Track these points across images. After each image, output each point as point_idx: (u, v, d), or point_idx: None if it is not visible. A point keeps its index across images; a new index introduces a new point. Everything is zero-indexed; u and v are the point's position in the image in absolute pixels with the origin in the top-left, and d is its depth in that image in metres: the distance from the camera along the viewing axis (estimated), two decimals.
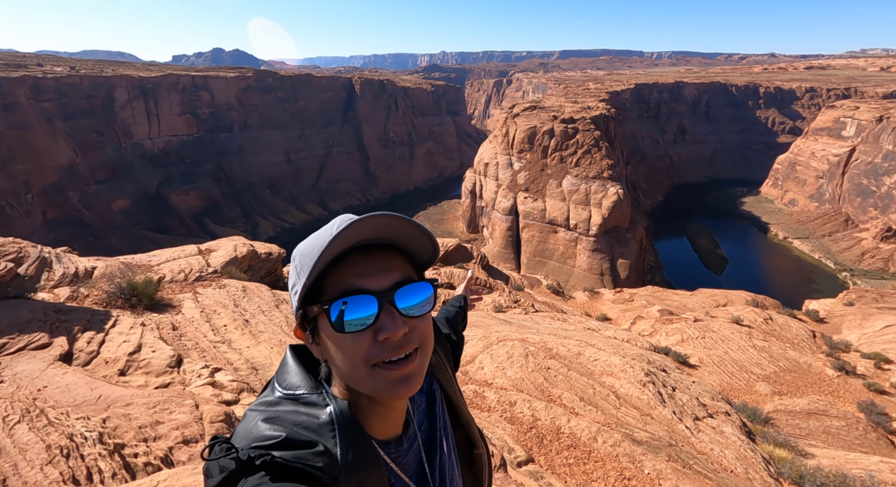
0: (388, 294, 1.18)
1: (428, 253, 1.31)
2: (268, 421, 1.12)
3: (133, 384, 6.54)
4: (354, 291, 1.15)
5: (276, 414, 1.14)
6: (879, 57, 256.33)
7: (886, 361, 21.59)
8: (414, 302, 1.21)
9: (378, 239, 1.22)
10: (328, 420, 1.13)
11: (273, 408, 1.17)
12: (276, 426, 1.11)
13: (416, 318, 1.21)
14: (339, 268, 1.18)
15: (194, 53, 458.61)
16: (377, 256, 1.22)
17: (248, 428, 1.12)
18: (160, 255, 13.20)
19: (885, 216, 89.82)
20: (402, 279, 1.22)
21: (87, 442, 4.18)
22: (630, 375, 9.83)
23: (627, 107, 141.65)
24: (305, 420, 1.13)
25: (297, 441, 1.08)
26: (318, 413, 1.15)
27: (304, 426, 1.12)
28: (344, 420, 1.14)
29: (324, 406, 1.16)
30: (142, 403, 5.44)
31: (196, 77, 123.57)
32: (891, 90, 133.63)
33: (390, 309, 1.17)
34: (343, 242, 1.14)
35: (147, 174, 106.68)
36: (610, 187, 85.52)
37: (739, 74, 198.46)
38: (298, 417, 1.14)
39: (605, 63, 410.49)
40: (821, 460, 10.23)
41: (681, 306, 34.72)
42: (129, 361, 7.06)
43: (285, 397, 1.19)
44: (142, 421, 5.06)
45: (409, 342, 1.19)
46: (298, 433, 1.10)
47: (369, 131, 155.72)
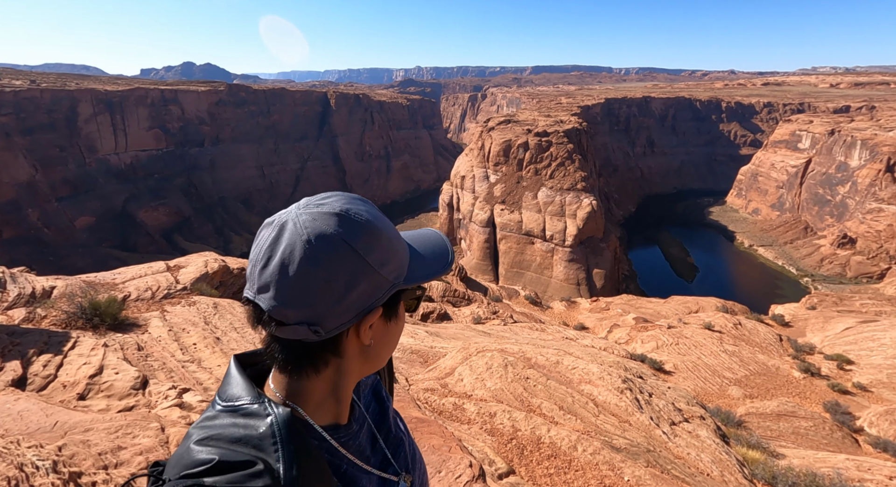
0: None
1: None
2: (202, 442, 1.02)
3: (94, 408, 6.20)
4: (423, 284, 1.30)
5: (212, 432, 1.04)
6: (829, 74, 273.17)
7: (848, 362, 22.52)
8: None
9: None
10: (269, 431, 1.03)
11: (210, 424, 1.07)
12: (209, 447, 1.01)
13: None
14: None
15: (164, 67, 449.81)
16: None
17: (181, 453, 1.02)
18: (125, 273, 12.68)
19: (841, 223, 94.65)
20: None
21: (39, 472, 3.92)
22: (608, 382, 9.92)
23: (598, 120, 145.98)
24: (243, 435, 1.03)
25: (231, 463, 0.97)
26: (258, 424, 1.04)
27: (242, 442, 1.02)
28: (287, 430, 1.04)
29: (264, 415, 1.06)
30: (102, 428, 5.15)
31: (165, 91, 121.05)
32: (840, 105, 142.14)
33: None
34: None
35: (113, 190, 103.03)
36: (584, 198, 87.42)
37: (702, 90, 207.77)
38: (236, 432, 1.04)
39: (576, 78, 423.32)
40: (791, 460, 10.50)
41: (655, 313, 35.47)
42: (89, 384, 6.69)
43: (224, 410, 1.10)
44: (102, 447, 4.78)
45: None
46: (234, 453, 0.99)
47: (345, 145, 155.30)
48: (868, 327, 27.45)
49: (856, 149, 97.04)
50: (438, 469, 4.87)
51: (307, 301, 1.06)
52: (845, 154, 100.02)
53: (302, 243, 1.05)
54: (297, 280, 1.04)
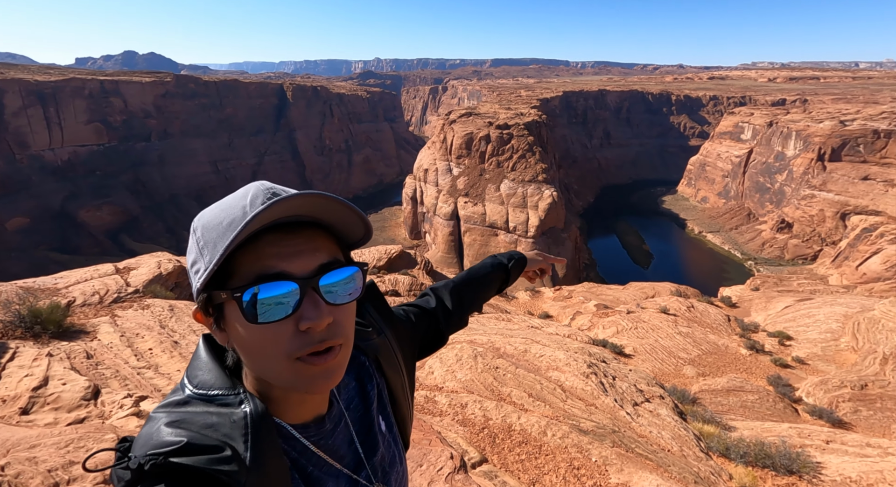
0: (312, 279, 1.01)
1: (360, 233, 1.15)
2: (172, 425, 0.98)
3: (39, 422, 5.77)
4: (273, 276, 0.98)
5: (183, 416, 1.00)
6: (767, 69, 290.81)
7: (788, 338, 24.29)
8: (340, 288, 1.06)
9: (301, 216, 1.04)
10: (242, 422, 0.99)
11: (180, 409, 1.02)
12: (179, 429, 0.97)
13: (340, 307, 1.07)
14: (253, 247, 0.99)
15: (102, 56, 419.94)
16: (301, 235, 1.04)
17: (150, 433, 0.98)
18: (69, 277, 11.83)
19: (779, 209, 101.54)
20: (329, 261, 1.06)
21: None
22: (574, 368, 10.24)
23: (557, 113, 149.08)
24: (216, 422, 0.99)
25: (200, 446, 0.95)
26: (232, 414, 1.01)
27: (214, 428, 0.98)
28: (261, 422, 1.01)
29: (239, 406, 1.02)
30: (51, 443, 4.81)
31: (105, 81, 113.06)
32: (777, 98, 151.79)
33: (314, 295, 1.01)
34: (260, 221, 0.95)
35: (49, 189, 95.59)
36: (545, 190, 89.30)
37: (654, 83, 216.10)
38: (209, 419, 1.00)
39: (535, 71, 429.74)
40: (742, 432, 11.25)
41: (615, 300, 36.87)
42: (32, 397, 6.22)
43: (197, 397, 1.04)
44: (51, 464, 4.46)
45: (334, 335, 1.04)
46: (204, 437, 0.96)
47: (304, 138, 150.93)
48: (804, 305, 29.70)
49: (791, 139, 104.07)
50: (420, 462, 4.89)
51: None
52: (782, 144, 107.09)
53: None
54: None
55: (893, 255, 71.46)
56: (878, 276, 70.85)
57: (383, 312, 1.59)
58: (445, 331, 1.90)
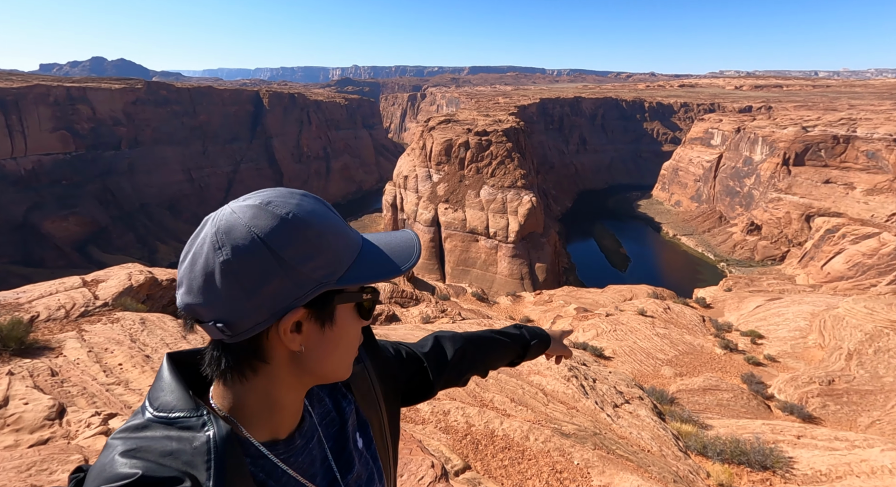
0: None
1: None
2: (127, 454, 0.91)
3: (0, 445, 5.47)
4: (372, 286, 1.15)
5: (140, 444, 0.94)
6: (733, 77, 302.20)
7: (759, 337, 25.05)
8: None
9: None
10: (204, 447, 0.93)
11: (138, 435, 0.96)
12: (134, 460, 0.90)
13: None
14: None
15: (68, 62, 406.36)
16: None
17: (103, 465, 0.92)
18: (32, 291, 11.31)
19: (748, 212, 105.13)
20: None
21: None
22: (555, 372, 10.32)
23: (535, 120, 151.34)
24: (175, 449, 0.93)
25: (155, 479, 0.88)
26: (194, 438, 0.94)
27: (173, 456, 0.92)
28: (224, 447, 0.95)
29: (202, 429, 0.96)
30: (11, 467, 4.56)
31: (72, 88, 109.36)
32: (744, 105, 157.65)
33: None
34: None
35: (10, 199, 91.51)
36: (524, 195, 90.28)
37: (627, 91, 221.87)
38: (168, 445, 0.93)
39: (512, 79, 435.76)
40: (718, 430, 11.51)
41: (594, 303, 37.42)
42: None
43: (157, 420, 0.98)
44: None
45: None
46: (161, 467, 0.90)
47: (280, 146, 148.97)
48: (774, 304, 30.72)
49: (758, 145, 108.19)
50: (399, 472, 4.82)
51: (215, 297, 0.96)
52: (750, 149, 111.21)
53: (212, 236, 0.97)
54: (204, 274, 0.96)
55: (855, 255, 74.77)
56: (842, 275, 73.98)
57: (367, 342, 1.51)
58: (434, 382, 1.76)
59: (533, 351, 2.09)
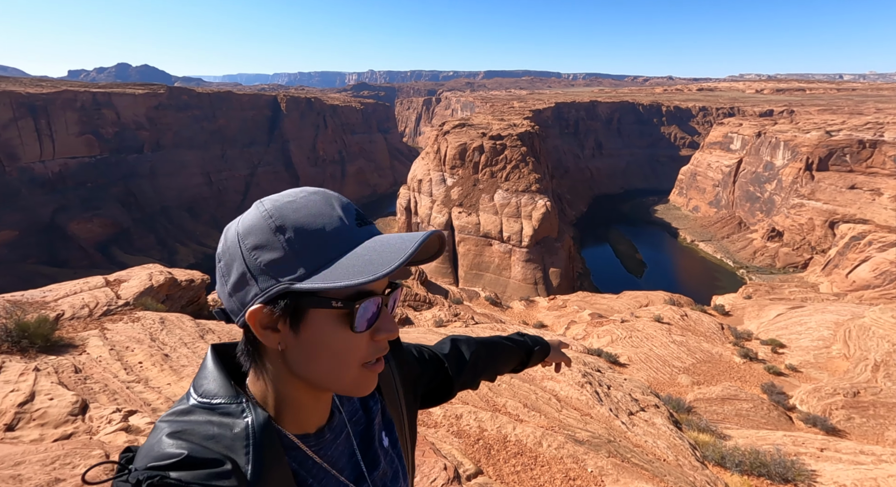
0: (386, 297, 1.13)
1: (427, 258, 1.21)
2: (173, 436, 0.98)
3: (25, 439, 5.64)
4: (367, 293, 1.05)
5: (185, 427, 1.01)
6: (754, 81, 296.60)
7: (780, 346, 24.41)
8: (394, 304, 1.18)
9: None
10: (243, 433, 1.00)
11: (183, 419, 1.03)
12: (180, 441, 0.97)
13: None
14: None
15: (95, 68, 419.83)
16: None
17: (151, 444, 0.99)
18: (57, 290, 11.67)
19: (769, 218, 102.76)
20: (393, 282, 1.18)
21: None
22: (569, 378, 10.21)
23: (549, 124, 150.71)
24: (217, 433, 1.00)
25: (200, 460, 0.94)
26: (234, 424, 1.01)
27: (215, 439, 0.99)
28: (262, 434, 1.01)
29: (241, 416, 1.03)
30: (36, 460, 4.70)
31: (98, 94, 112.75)
32: (765, 109, 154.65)
33: (386, 311, 1.12)
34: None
35: (38, 201, 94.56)
36: (538, 200, 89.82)
37: (644, 95, 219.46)
38: (210, 429, 1.00)
39: (527, 83, 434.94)
40: (737, 440, 11.24)
41: (609, 309, 36.94)
42: (18, 413, 6.09)
43: (200, 406, 1.06)
44: (37, 481, 4.36)
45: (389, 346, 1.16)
46: (205, 450, 0.96)
47: (297, 150, 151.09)
48: (796, 313, 29.92)
49: (780, 149, 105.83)
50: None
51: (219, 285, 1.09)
52: (771, 154, 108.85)
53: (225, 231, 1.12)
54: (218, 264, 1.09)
55: (882, 263, 72.40)
56: (868, 284, 71.68)
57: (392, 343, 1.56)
58: (455, 381, 1.82)
59: (535, 357, 2.20)
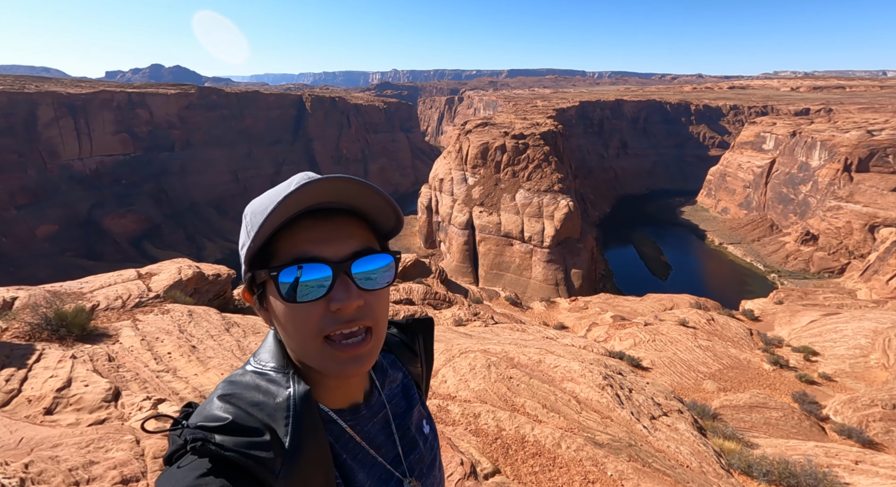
0: (344, 264, 1.09)
1: (391, 222, 1.20)
2: (224, 398, 1.06)
3: (62, 422, 5.92)
4: (308, 259, 1.06)
5: (235, 390, 1.08)
6: (789, 78, 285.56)
7: (814, 353, 23.47)
8: (371, 274, 1.12)
9: (337, 203, 1.12)
10: (285, 404, 1.04)
11: (237, 380, 1.11)
12: (228, 405, 1.04)
13: (372, 292, 1.13)
14: (290, 232, 1.09)
15: (130, 70, 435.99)
16: (334, 221, 1.12)
17: (206, 403, 1.07)
18: (93, 282, 12.18)
19: (804, 221, 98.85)
20: (361, 248, 1.13)
21: None
22: (589, 380, 10.07)
23: (573, 123, 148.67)
24: (262, 401, 1.05)
25: (243, 427, 1.00)
26: (277, 393, 1.06)
27: (259, 407, 1.04)
28: (302, 406, 1.05)
29: (285, 386, 1.08)
30: (72, 443, 4.93)
31: (133, 94, 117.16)
32: (800, 108, 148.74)
33: (345, 279, 1.08)
34: (296, 204, 1.04)
35: (77, 197, 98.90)
36: (561, 200, 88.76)
37: (672, 93, 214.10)
38: (256, 396, 1.06)
39: (551, 81, 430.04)
40: (765, 449, 10.87)
41: (632, 311, 36.23)
42: (56, 398, 6.39)
43: (253, 371, 1.14)
44: (72, 463, 4.57)
45: (363, 317, 1.10)
46: (248, 417, 1.02)
47: (321, 149, 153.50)
48: (831, 319, 28.69)
49: (816, 149, 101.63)
50: None
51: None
52: (806, 154, 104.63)
53: None
54: None
55: None
56: None
57: (428, 350, 1.62)
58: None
59: None
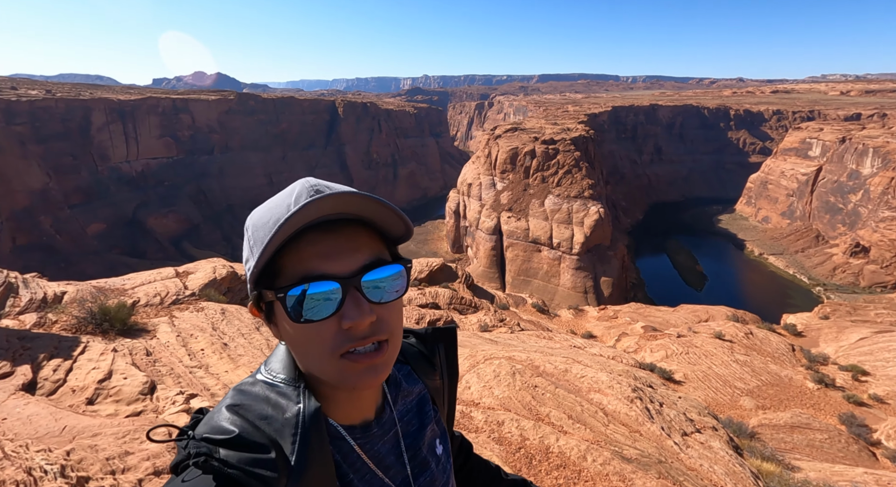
0: (353, 279, 1.02)
1: (400, 229, 1.13)
2: (232, 409, 1.02)
3: (102, 413, 6.21)
4: (316, 277, 1.00)
5: (244, 401, 1.04)
6: (839, 82, 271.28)
7: (863, 373, 22.03)
8: (383, 281, 1.06)
9: (343, 213, 1.06)
10: (293, 420, 0.99)
11: (247, 390, 1.07)
12: (236, 416, 1.00)
13: (385, 305, 1.06)
14: (295, 247, 1.02)
15: (175, 77, 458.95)
16: (341, 233, 1.05)
17: (215, 412, 1.03)
18: (135, 279, 12.78)
19: (853, 232, 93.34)
20: (371, 260, 1.06)
21: (48, 476, 3.91)
22: (617, 391, 9.77)
23: (605, 128, 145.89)
24: (271, 415, 1.00)
25: (248, 442, 0.96)
26: (287, 407, 1.02)
27: (267, 420, 1.00)
28: (309, 424, 0.99)
29: (295, 401, 1.03)
30: (110, 433, 5.15)
31: (177, 100, 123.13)
32: (851, 113, 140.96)
33: (356, 294, 1.02)
34: (300, 220, 0.98)
35: (124, 197, 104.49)
36: (591, 206, 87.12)
37: (710, 97, 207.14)
38: (265, 409, 1.02)
39: (583, 86, 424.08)
40: (807, 473, 10.25)
41: (664, 322, 35.06)
42: (98, 389, 6.71)
43: (264, 381, 1.10)
44: (110, 452, 4.77)
45: (378, 332, 1.04)
46: (255, 431, 0.98)
47: (352, 153, 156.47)
48: (884, 337, 26.89)
49: (868, 156, 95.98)
50: None
51: None
52: (857, 162, 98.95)
53: None
54: None
55: None
56: None
57: (451, 360, 1.52)
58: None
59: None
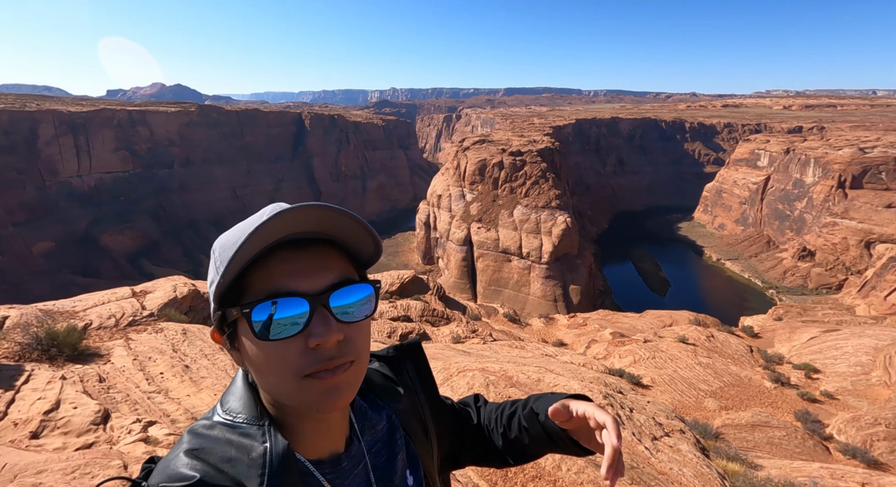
0: (322, 296, 1.00)
1: (370, 250, 1.13)
2: (191, 454, 0.97)
3: (48, 447, 5.76)
4: (283, 293, 0.98)
5: (204, 444, 0.99)
6: (781, 97, 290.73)
7: (815, 371, 23.25)
8: (351, 306, 1.04)
9: (312, 232, 1.04)
10: (260, 460, 0.95)
11: (205, 433, 1.01)
12: (196, 461, 0.95)
13: (353, 325, 1.04)
14: (265, 265, 1.00)
15: (132, 88, 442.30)
16: (310, 252, 1.04)
17: (170, 459, 0.97)
18: (87, 300, 12.05)
19: (800, 237, 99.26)
20: (340, 280, 1.05)
21: None
22: None
23: (570, 140, 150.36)
24: (235, 457, 0.96)
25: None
26: (252, 448, 0.97)
27: (231, 463, 0.95)
28: (277, 464, 0.95)
29: (260, 441, 0.98)
30: (58, 469, 4.78)
31: (133, 112, 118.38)
32: (793, 125, 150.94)
33: (324, 312, 1.00)
34: (269, 235, 0.96)
35: (75, 214, 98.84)
36: (558, 216, 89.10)
37: (667, 111, 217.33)
38: (228, 451, 0.97)
39: (548, 100, 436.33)
40: (769, 470, 10.65)
41: (631, 328, 35.98)
42: (44, 421, 6.23)
43: (223, 422, 1.04)
44: None
45: (345, 353, 1.01)
46: (218, 474, 0.93)
47: (320, 165, 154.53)
48: (831, 336, 28.54)
49: (810, 166, 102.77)
50: None
51: None
52: (800, 171, 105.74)
53: None
54: None
55: None
56: None
57: (423, 374, 1.46)
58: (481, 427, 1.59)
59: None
